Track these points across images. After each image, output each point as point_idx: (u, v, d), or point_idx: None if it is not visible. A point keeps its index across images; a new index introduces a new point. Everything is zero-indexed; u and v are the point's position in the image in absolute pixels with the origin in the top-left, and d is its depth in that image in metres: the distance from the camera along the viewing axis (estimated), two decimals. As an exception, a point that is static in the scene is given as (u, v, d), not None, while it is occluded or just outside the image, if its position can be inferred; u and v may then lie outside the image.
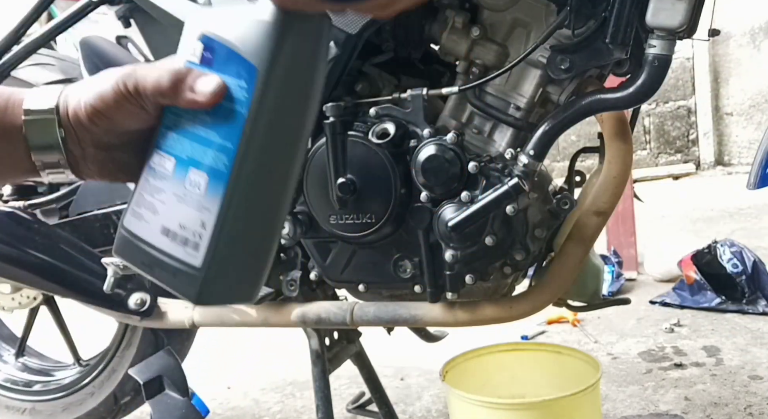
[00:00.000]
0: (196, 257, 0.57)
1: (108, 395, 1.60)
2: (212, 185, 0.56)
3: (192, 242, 0.57)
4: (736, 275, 2.31)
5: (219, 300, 0.60)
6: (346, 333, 1.44)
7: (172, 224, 0.58)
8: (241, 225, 0.57)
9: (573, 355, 1.39)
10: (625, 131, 1.07)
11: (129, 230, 0.62)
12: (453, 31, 1.07)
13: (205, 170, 0.57)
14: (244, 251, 0.59)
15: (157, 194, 0.59)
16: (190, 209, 0.57)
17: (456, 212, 1.03)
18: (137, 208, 0.61)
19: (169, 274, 0.59)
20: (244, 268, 0.60)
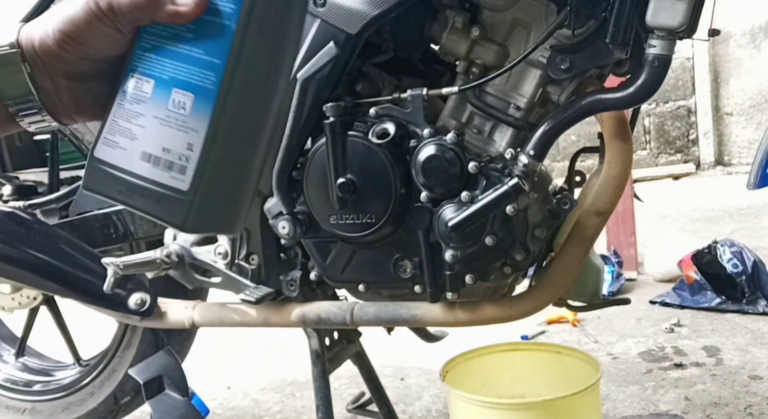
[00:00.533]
0: (183, 181, 0.55)
1: (108, 395, 1.60)
2: (199, 105, 0.54)
3: (178, 165, 0.55)
4: (736, 275, 2.31)
5: (205, 227, 0.58)
6: (346, 333, 1.44)
7: (154, 148, 0.56)
8: (229, 147, 0.55)
9: (573, 355, 1.39)
10: (625, 131, 1.07)
11: (101, 160, 0.58)
12: (453, 31, 1.07)
13: (191, 89, 0.54)
14: (231, 176, 0.57)
15: (135, 119, 0.57)
16: (174, 131, 0.55)
17: (456, 212, 1.03)
18: (110, 136, 0.58)
19: (152, 201, 0.56)
20: (230, 194, 0.58)
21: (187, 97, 0.55)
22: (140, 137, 0.56)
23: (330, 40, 1.07)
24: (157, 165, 0.55)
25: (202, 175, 0.55)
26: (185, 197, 0.55)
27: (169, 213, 0.56)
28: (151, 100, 0.56)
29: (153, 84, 0.56)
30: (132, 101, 0.57)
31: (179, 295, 1.39)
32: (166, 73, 0.55)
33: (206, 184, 0.55)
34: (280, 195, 1.14)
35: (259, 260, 1.22)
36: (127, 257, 1.26)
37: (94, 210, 1.42)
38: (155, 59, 0.56)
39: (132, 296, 1.32)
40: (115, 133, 0.58)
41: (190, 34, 0.55)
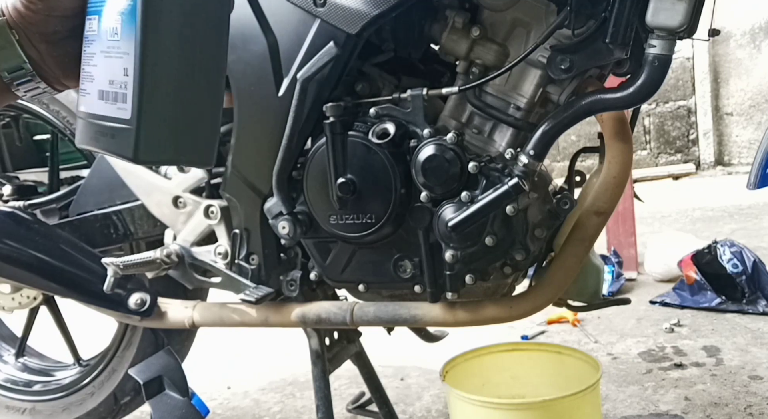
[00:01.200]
0: (126, 110, 0.54)
1: (108, 395, 1.60)
2: (125, 26, 0.54)
3: (120, 94, 0.54)
4: (736, 275, 2.31)
5: (159, 156, 0.57)
6: (346, 333, 1.44)
7: (103, 84, 0.56)
8: (162, 67, 0.54)
9: (573, 355, 1.39)
10: (625, 131, 1.07)
11: (80, 111, 0.59)
12: (453, 31, 1.07)
13: (118, 13, 0.55)
14: (173, 99, 0.55)
15: (90, 60, 0.58)
16: (114, 60, 0.55)
17: (456, 212, 1.03)
18: (82, 85, 0.59)
19: (109, 138, 0.56)
20: (178, 119, 0.56)
21: (117, 22, 0.54)
22: (96, 77, 0.57)
23: (330, 40, 1.07)
24: (107, 100, 0.55)
25: (140, 99, 0.53)
26: (130, 125, 0.54)
27: (121, 146, 0.55)
28: (98, 36, 0.56)
29: (97, 19, 0.56)
30: (88, 43, 0.58)
31: (179, 295, 1.39)
32: (103, 5, 0.56)
33: (147, 108, 0.54)
34: (280, 195, 1.14)
35: (259, 260, 1.22)
36: (127, 257, 1.26)
37: (94, 210, 1.42)
38: None
39: (132, 296, 1.32)
40: (84, 80, 0.58)
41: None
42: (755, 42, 4.93)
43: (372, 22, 1.04)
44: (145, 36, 0.53)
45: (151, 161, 0.57)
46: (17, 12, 0.59)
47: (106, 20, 0.56)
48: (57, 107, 1.49)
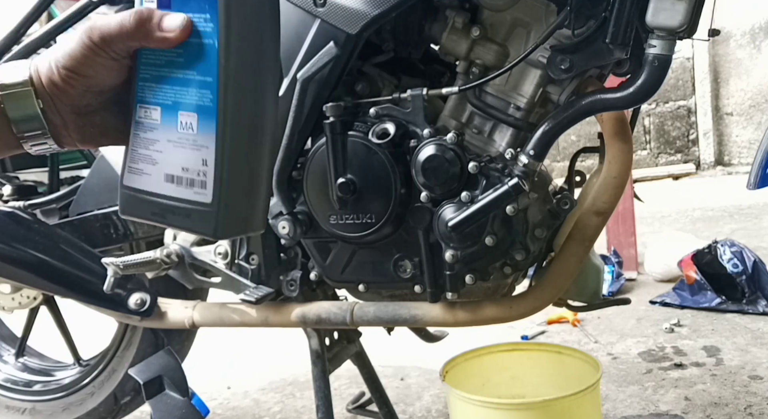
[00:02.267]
0: (206, 195, 0.59)
1: (108, 395, 1.60)
2: (203, 122, 0.58)
3: (198, 181, 0.59)
4: (737, 275, 2.31)
5: (234, 231, 0.63)
6: (346, 333, 1.44)
7: (174, 169, 0.60)
8: (238, 153, 0.59)
9: (573, 355, 1.39)
10: (625, 131, 1.07)
11: (131, 187, 0.63)
12: (453, 31, 1.07)
13: (193, 109, 0.58)
14: (248, 180, 0.61)
15: (152, 145, 0.61)
16: (188, 150, 0.59)
17: (456, 212, 1.03)
18: (134, 164, 0.63)
19: (183, 217, 0.61)
20: (250, 196, 0.62)
21: (192, 118, 0.59)
22: (160, 162, 0.61)
23: (330, 40, 1.07)
24: (180, 184, 0.60)
25: (221, 186, 0.59)
26: (211, 208, 0.59)
27: (200, 225, 0.61)
28: (162, 125, 0.60)
29: (160, 111, 0.60)
30: (146, 130, 0.61)
31: (179, 295, 1.39)
32: (169, 98, 0.60)
33: (226, 193, 0.59)
34: (280, 195, 1.14)
35: (259, 260, 1.22)
36: (127, 257, 1.26)
37: (94, 210, 1.42)
38: (156, 87, 0.60)
39: (132, 296, 1.32)
40: (138, 161, 0.62)
41: (181, 59, 0.59)
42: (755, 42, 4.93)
43: (372, 22, 1.04)
44: (225, 134, 0.58)
45: (228, 236, 0.66)
46: (51, 83, 0.60)
47: (172, 113, 0.59)
48: (57, 107, 1.49)
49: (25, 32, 1.37)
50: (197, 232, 0.62)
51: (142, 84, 0.61)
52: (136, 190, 0.63)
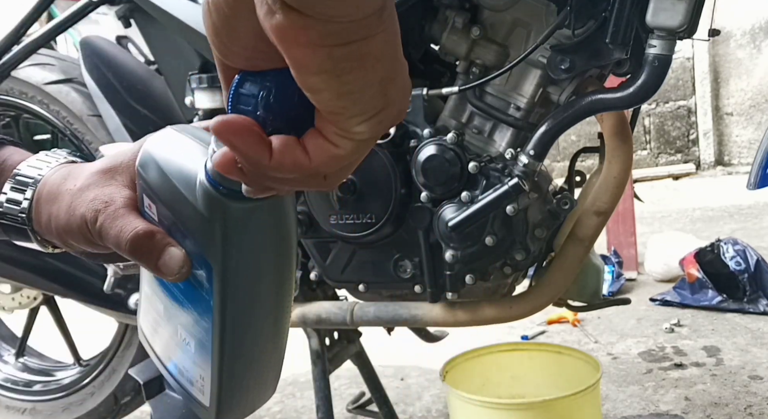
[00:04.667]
0: (204, 398, 0.54)
1: (108, 395, 1.60)
2: (198, 350, 0.52)
3: (197, 384, 0.54)
4: (739, 273, 2.31)
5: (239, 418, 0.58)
6: (346, 333, 1.44)
7: (176, 361, 0.56)
8: (233, 384, 0.53)
9: (573, 355, 1.39)
10: (625, 131, 1.07)
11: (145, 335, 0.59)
12: (453, 31, 1.07)
13: (191, 334, 0.52)
14: (252, 384, 0.55)
15: (158, 326, 0.56)
16: (186, 358, 0.54)
17: (456, 212, 1.03)
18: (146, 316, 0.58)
19: (186, 398, 0.56)
20: (256, 393, 0.57)
21: (190, 338, 0.53)
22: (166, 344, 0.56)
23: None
24: (182, 375, 0.56)
25: (218, 399, 0.53)
26: (208, 411, 0.54)
27: (199, 412, 0.56)
28: (164, 320, 0.55)
29: (162, 309, 0.55)
30: (151, 304, 0.57)
31: (179, 295, 1.39)
32: (171, 307, 0.54)
33: (225, 401, 0.54)
34: (280, 195, 1.14)
35: (259, 260, 1.22)
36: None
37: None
38: (161, 289, 0.55)
39: (132, 296, 1.32)
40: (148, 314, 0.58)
41: (181, 285, 0.52)
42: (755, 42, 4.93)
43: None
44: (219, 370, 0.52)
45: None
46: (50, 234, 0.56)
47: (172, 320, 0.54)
48: (57, 107, 1.49)
49: (25, 32, 1.37)
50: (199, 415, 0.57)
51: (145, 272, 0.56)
52: (149, 343, 0.58)
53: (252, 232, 0.48)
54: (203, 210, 0.46)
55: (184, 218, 0.48)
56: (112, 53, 1.37)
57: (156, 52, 1.33)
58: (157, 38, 1.30)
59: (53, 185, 0.56)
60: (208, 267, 0.48)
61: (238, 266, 0.48)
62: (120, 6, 1.32)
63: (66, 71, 1.52)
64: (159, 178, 0.49)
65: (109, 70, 1.35)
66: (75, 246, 0.56)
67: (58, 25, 1.34)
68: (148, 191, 0.51)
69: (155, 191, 0.50)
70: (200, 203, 0.46)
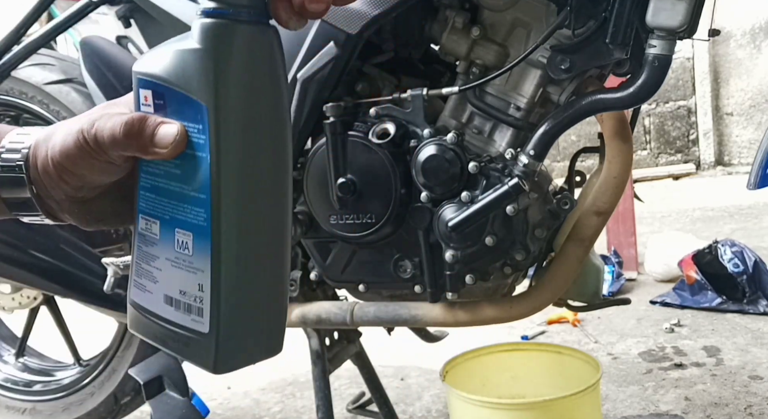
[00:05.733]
0: (203, 324, 0.51)
1: (108, 395, 1.60)
2: (198, 243, 0.50)
3: (195, 307, 0.51)
4: (737, 275, 2.31)
5: (239, 364, 0.54)
6: (346, 333, 1.44)
7: (172, 291, 0.53)
8: (240, 279, 0.51)
9: (573, 355, 1.39)
10: (625, 131, 1.07)
11: (136, 303, 0.56)
12: (453, 31, 1.07)
13: (188, 227, 0.51)
14: (252, 305, 0.53)
15: (152, 261, 0.54)
16: (184, 272, 0.51)
17: (456, 212, 1.03)
18: (138, 278, 0.56)
19: (182, 345, 0.53)
20: (258, 322, 0.54)
21: (187, 237, 0.51)
22: (160, 280, 0.54)
23: (330, 40, 1.07)
24: (178, 308, 0.52)
25: (218, 314, 0.51)
26: (208, 339, 0.51)
27: (199, 357, 0.53)
28: (161, 241, 0.53)
29: (158, 224, 0.53)
30: (147, 243, 0.54)
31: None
32: (167, 212, 0.52)
33: (226, 322, 0.51)
34: (280, 195, 1.14)
35: (259, 260, 1.22)
36: (128, 257, 1.26)
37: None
38: (155, 199, 0.53)
39: (132, 296, 1.32)
40: (141, 276, 0.55)
41: (177, 170, 0.51)
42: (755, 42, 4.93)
43: (372, 22, 1.04)
44: (220, 257, 0.50)
45: (229, 370, 0.54)
46: (46, 173, 0.55)
47: (169, 229, 0.52)
48: (57, 107, 1.49)
49: (25, 32, 1.37)
50: (196, 363, 0.53)
51: (143, 193, 0.54)
52: (141, 308, 0.56)
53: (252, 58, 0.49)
54: (200, 45, 0.49)
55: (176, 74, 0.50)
56: (112, 53, 1.37)
57: (156, 52, 1.33)
58: (157, 38, 1.30)
59: (44, 133, 0.56)
60: (202, 114, 0.49)
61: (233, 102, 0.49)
62: (120, 6, 1.32)
63: (66, 71, 1.52)
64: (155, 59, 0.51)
65: (109, 70, 1.35)
66: (70, 179, 0.54)
67: (58, 25, 1.34)
68: (144, 82, 0.52)
69: (150, 73, 0.51)
70: (197, 41, 0.49)
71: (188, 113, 0.50)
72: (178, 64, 0.50)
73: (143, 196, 0.54)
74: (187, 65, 0.49)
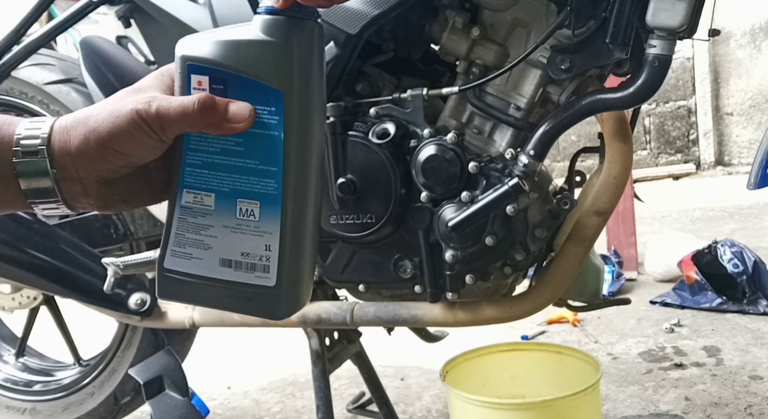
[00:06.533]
0: (269, 279, 0.59)
1: (108, 395, 1.60)
2: (266, 210, 0.58)
3: (260, 265, 0.59)
4: (737, 276, 2.31)
5: (294, 310, 0.62)
6: (346, 333, 1.44)
7: (232, 254, 0.59)
8: (300, 237, 0.59)
9: (573, 355, 1.39)
10: (626, 131, 1.07)
11: (176, 270, 0.61)
12: (453, 31, 1.07)
13: (256, 197, 0.58)
14: (306, 258, 0.61)
15: (204, 230, 0.60)
16: (249, 236, 0.58)
17: (456, 212, 1.03)
18: (180, 248, 0.61)
19: (243, 300, 0.60)
20: (307, 273, 0.62)
21: (254, 205, 0.58)
22: (215, 247, 0.60)
23: (330, 40, 1.07)
24: (239, 269, 0.59)
25: (284, 269, 0.58)
26: (274, 291, 0.59)
27: (262, 309, 0.60)
28: (216, 212, 0.59)
29: (214, 197, 0.59)
30: (195, 215, 0.60)
31: (179, 295, 1.38)
32: (225, 185, 0.58)
33: (289, 274, 0.59)
34: (280, 195, 1.14)
35: (259, 260, 1.22)
36: (127, 257, 1.26)
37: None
38: (209, 174, 0.59)
39: (132, 296, 1.32)
40: (185, 245, 0.61)
41: (240, 148, 0.57)
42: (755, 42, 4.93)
43: (372, 22, 1.04)
44: (290, 221, 0.58)
45: (288, 316, 0.62)
46: (85, 155, 0.55)
47: (229, 199, 0.58)
48: (57, 107, 1.49)
49: (25, 32, 1.37)
50: (259, 315, 0.61)
51: (189, 169, 0.59)
52: (183, 273, 0.61)
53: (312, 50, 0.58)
54: (273, 38, 0.56)
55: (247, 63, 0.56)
56: (112, 53, 1.37)
57: (156, 52, 1.34)
58: (157, 38, 1.30)
59: (73, 117, 0.57)
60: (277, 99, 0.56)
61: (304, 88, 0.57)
62: (120, 6, 1.32)
63: (66, 71, 1.52)
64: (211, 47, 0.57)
65: (109, 70, 1.35)
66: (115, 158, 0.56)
67: (58, 25, 1.34)
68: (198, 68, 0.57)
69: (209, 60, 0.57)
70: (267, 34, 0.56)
71: (257, 97, 0.56)
72: (247, 53, 0.56)
73: (191, 172, 0.59)
74: (259, 55, 0.56)
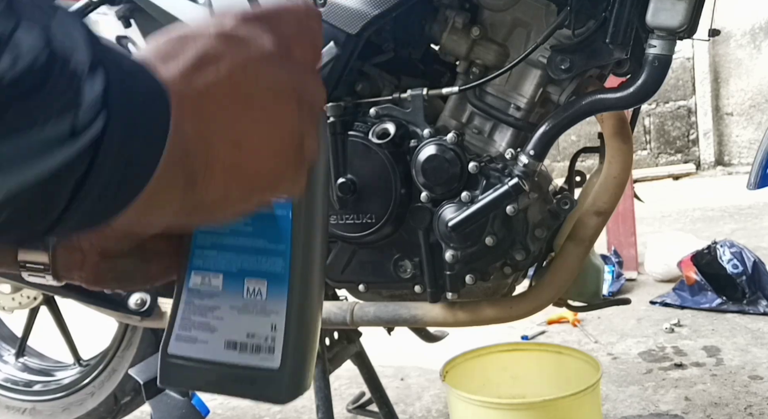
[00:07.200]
0: (273, 360, 0.58)
1: (108, 395, 1.60)
2: (273, 289, 0.58)
3: (265, 346, 0.58)
4: (737, 276, 2.31)
5: (298, 393, 0.60)
6: (346, 333, 1.44)
7: (237, 336, 0.59)
8: (305, 316, 0.59)
9: (573, 355, 1.39)
10: (626, 131, 1.07)
11: (180, 355, 0.60)
12: (453, 31, 1.07)
13: (263, 276, 0.58)
14: (311, 338, 0.60)
15: (210, 312, 0.60)
16: (255, 316, 0.58)
17: (456, 212, 1.03)
18: (185, 332, 0.61)
19: (246, 384, 0.59)
20: (312, 352, 0.61)
21: (261, 284, 0.58)
22: (220, 328, 0.59)
23: (330, 40, 1.07)
24: (244, 350, 0.58)
25: (289, 350, 0.57)
26: (279, 374, 0.58)
27: (266, 392, 0.59)
28: (223, 292, 0.59)
29: (221, 277, 0.59)
30: (203, 296, 0.60)
31: (179, 295, 1.39)
32: (234, 265, 0.58)
33: (293, 355, 0.58)
34: (280, 195, 1.14)
35: (259, 260, 1.22)
36: (127, 257, 1.25)
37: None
38: (217, 255, 0.59)
39: (132, 296, 1.32)
40: (191, 328, 0.60)
41: (249, 227, 0.58)
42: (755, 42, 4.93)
43: (372, 22, 1.04)
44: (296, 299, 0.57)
45: (292, 399, 0.61)
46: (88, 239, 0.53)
47: (236, 279, 0.58)
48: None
49: (25, 32, 1.37)
50: (263, 399, 0.60)
51: (199, 251, 0.59)
52: (187, 358, 0.60)
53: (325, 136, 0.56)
54: None
55: None
56: (112, 53, 1.37)
57: (156, 52, 1.33)
58: (157, 38, 1.30)
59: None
60: None
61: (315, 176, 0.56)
62: (120, 6, 1.32)
63: (66, 71, 1.51)
64: None
65: (109, 70, 1.35)
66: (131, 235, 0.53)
67: (58, 25, 1.33)
68: None
69: None
70: None
71: None
72: None
73: (200, 254, 0.60)
74: None
